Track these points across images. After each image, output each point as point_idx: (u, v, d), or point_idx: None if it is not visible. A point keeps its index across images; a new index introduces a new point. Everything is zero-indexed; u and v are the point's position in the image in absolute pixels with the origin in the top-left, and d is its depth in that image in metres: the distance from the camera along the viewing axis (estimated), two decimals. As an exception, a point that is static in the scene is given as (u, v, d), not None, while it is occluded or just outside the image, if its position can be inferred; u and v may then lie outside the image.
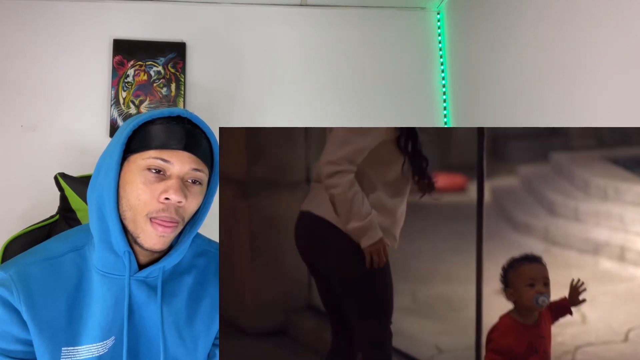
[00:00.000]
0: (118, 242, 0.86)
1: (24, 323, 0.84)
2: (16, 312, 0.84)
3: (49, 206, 1.37)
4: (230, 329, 1.58)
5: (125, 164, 0.87)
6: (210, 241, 1.07)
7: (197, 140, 0.89)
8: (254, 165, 1.60)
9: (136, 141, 0.86)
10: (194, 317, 0.98)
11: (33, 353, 0.86)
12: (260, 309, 1.57)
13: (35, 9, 2.06)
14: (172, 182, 0.85)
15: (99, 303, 0.88)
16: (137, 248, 0.89)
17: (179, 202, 0.85)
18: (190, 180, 0.88)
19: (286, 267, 1.55)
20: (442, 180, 1.12)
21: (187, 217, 0.90)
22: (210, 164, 0.93)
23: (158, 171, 0.85)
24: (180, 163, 0.86)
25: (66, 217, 1.14)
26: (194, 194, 0.88)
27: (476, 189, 1.19)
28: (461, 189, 1.42)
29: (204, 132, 0.91)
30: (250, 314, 1.59)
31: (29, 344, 0.86)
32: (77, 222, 1.17)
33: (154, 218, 0.85)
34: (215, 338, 1.03)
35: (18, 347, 0.85)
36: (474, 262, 1.15)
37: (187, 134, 0.87)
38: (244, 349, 1.42)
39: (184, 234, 0.93)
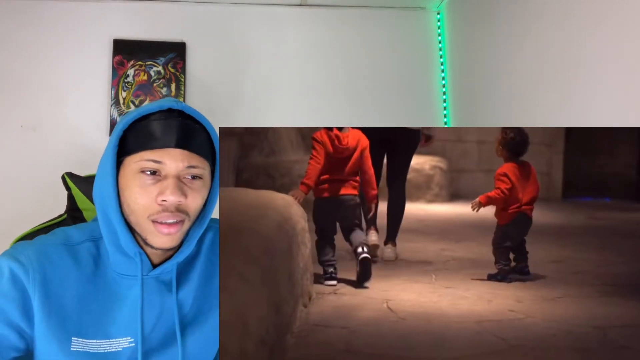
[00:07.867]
0: (127, 244, 0.85)
1: (26, 310, 0.81)
2: (23, 295, 0.81)
3: (50, 206, 1.36)
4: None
5: (121, 167, 0.84)
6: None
7: (191, 134, 0.84)
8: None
9: (129, 141, 0.83)
10: (208, 296, 0.96)
11: (13, 345, 0.81)
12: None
13: (36, 9, 2.06)
14: (168, 183, 0.82)
15: (114, 302, 0.88)
16: (147, 248, 0.88)
17: (179, 201, 0.82)
18: (189, 177, 0.85)
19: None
20: None
21: (193, 212, 0.86)
22: (211, 156, 0.89)
23: (153, 172, 0.82)
24: (173, 162, 0.82)
25: (74, 216, 1.14)
26: (196, 190, 0.85)
27: None
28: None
29: (199, 123, 0.87)
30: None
31: (19, 332, 0.81)
32: (84, 222, 1.16)
33: (156, 220, 0.83)
34: None
35: (4, 331, 0.80)
36: None
37: (180, 128, 0.83)
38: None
39: (194, 228, 0.90)
